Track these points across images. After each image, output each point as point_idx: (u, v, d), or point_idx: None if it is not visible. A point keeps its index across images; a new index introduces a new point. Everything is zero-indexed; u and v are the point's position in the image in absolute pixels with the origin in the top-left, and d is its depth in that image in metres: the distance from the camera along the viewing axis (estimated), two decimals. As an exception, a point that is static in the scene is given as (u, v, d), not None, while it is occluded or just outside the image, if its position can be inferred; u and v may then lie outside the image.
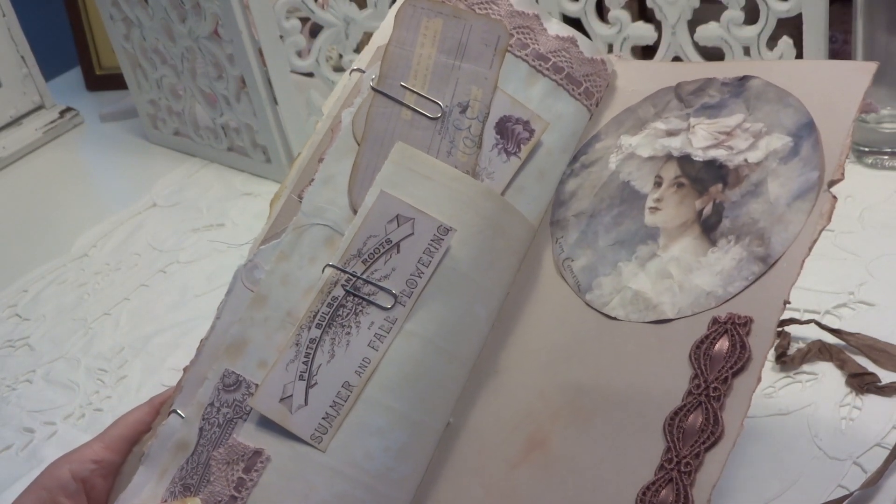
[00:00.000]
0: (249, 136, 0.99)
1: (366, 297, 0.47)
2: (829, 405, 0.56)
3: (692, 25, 0.82)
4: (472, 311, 0.49)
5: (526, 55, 0.53)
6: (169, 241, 0.93)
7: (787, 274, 0.43)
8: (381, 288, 0.47)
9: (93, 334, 0.82)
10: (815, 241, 0.43)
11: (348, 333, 0.47)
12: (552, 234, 0.52)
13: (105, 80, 1.31)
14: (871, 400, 0.56)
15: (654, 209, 0.49)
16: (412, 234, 0.48)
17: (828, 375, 0.58)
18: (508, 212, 0.51)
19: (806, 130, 0.47)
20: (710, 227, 0.47)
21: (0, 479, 0.68)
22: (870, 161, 0.77)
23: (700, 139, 0.50)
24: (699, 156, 0.49)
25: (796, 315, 0.63)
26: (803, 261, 0.43)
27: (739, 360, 0.42)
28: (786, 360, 0.59)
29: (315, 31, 0.95)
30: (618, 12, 0.85)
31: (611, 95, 0.55)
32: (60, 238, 0.98)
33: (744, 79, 0.51)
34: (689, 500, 0.40)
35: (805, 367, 0.59)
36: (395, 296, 0.47)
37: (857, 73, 0.47)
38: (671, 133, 0.51)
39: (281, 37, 0.91)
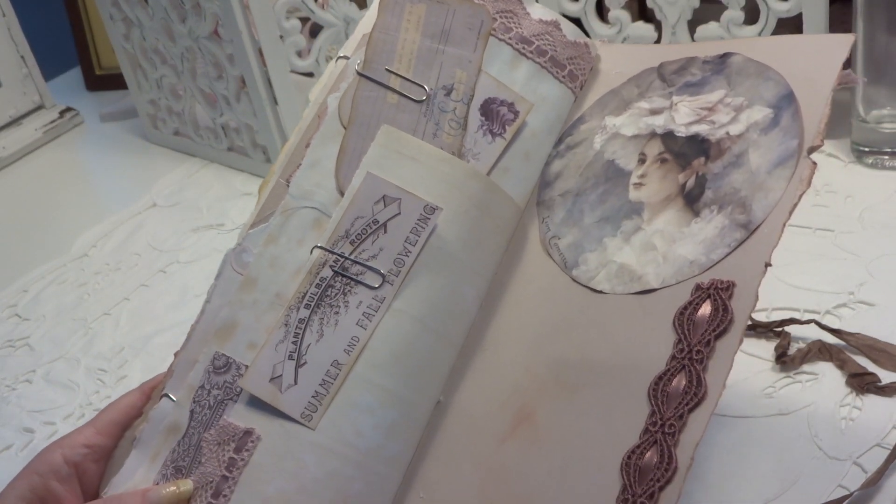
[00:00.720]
0: (249, 136, 0.99)
1: (354, 277, 0.48)
2: (829, 405, 0.56)
3: (692, 25, 0.83)
4: (460, 290, 0.50)
5: (509, 39, 0.54)
6: (169, 241, 0.94)
7: (768, 238, 0.44)
8: (369, 268, 0.48)
9: (93, 334, 0.82)
10: (795, 206, 0.44)
11: (337, 313, 0.47)
12: (538, 214, 0.53)
13: (105, 80, 1.31)
14: (871, 400, 0.56)
15: (639, 185, 0.50)
16: (399, 213, 0.48)
17: (828, 375, 0.58)
18: (494, 192, 0.51)
19: (786, 101, 0.48)
20: (692, 199, 0.48)
21: (0, 479, 0.68)
22: (870, 161, 0.77)
23: (683, 116, 0.51)
24: (682, 131, 0.50)
25: (796, 315, 0.63)
26: (784, 224, 0.44)
27: (722, 322, 0.43)
28: (786, 360, 0.59)
29: (315, 31, 0.96)
30: (618, 12, 0.85)
31: (595, 78, 0.56)
32: (60, 238, 0.98)
33: (725, 56, 0.52)
34: (672, 459, 0.41)
35: (805, 367, 0.59)
36: (382, 275, 0.48)
37: (836, 44, 0.48)
38: (654, 112, 0.52)
39: (281, 37, 0.91)
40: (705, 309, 0.44)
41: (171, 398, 0.49)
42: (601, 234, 0.50)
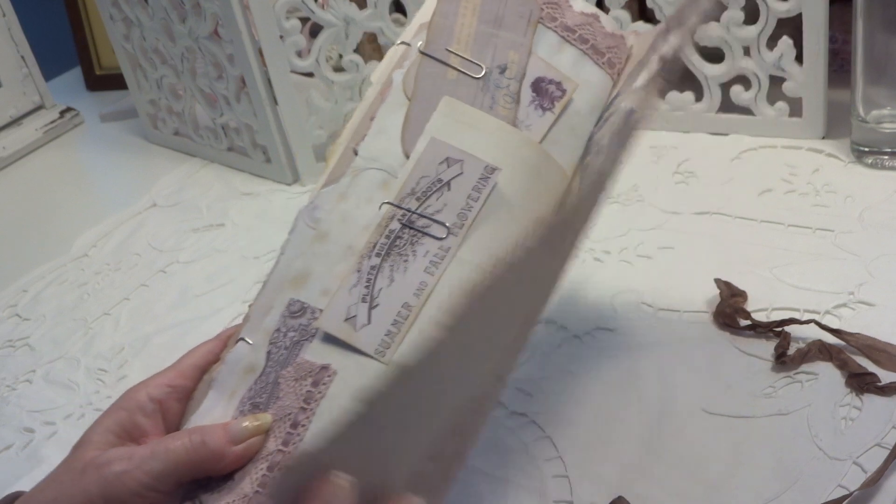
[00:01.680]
0: (249, 136, 1.00)
1: (420, 229, 0.53)
2: (829, 405, 0.57)
3: (692, 25, 0.83)
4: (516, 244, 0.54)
5: (555, 27, 0.61)
6: (169, 241, 0.94)
7: None
8: (435, 221, 0.53)
9: (93, 334, 0.83)
10: None
11: (406, 261, 0.53)
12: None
13: (105, 80, 1.32)
14: (871, 400, 0.57)
15: None
16: (461, 173, 0.54)
17: (828, 375, 0.59)
18: (545, 159, 0.57)
19: None
20: None
21: (1, 479, 0.68)
22: (870, 161, 0.78)
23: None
24: None
25: (796, 315, 0.63)
26: None
27: None
28: (786, 360, 0.60)
29: (315, 31, 0.97)
30: (618, 12, 0.86)
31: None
32: (60, 238, 1.00)
33: None
34: None
35: (805, 367, 0.60)
36: (447, 227, 0.53)
37: None
38: None
39: (281, 37, 0.92)
40: None
41: (247, 341, 0.53)
42: None
